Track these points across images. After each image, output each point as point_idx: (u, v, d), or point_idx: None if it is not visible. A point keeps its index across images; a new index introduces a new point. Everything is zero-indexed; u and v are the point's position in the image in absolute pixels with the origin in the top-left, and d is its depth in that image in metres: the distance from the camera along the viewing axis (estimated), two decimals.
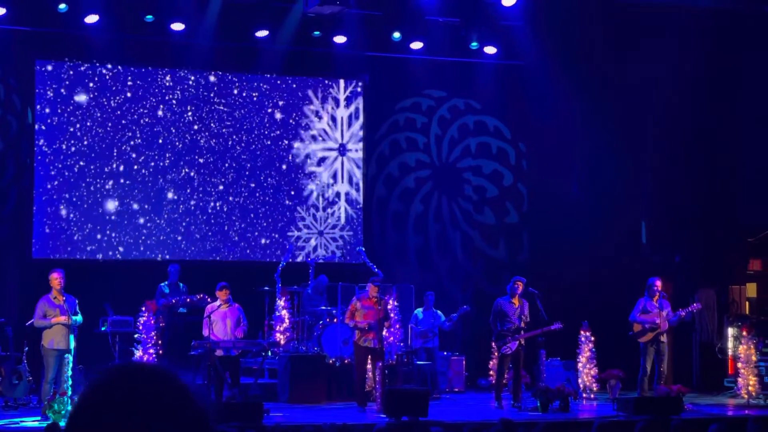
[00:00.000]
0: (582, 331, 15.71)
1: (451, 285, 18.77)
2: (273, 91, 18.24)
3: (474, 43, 17.65)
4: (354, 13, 17.03)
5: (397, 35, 17.52)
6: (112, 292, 15.77)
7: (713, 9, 17.58)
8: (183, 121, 17.66)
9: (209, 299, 14.55)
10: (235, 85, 17.99)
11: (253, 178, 18.04)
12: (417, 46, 17.77)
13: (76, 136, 17.04)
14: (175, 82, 17.61)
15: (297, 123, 18.40)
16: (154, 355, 13.95)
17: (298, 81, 18.42)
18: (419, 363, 15.97)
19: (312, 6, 16.04)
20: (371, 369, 14.46)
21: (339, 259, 18.01)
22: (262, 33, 17.00)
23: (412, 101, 19.16)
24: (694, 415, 13.40)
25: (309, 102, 18.48)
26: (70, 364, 13.12)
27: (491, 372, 15.72)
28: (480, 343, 16.36)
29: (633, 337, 15.12)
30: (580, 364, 15.70)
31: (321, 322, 16.00)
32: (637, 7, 17.95)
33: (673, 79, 17.77)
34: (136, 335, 14.19)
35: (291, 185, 18.34)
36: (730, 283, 18.42)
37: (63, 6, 15.61)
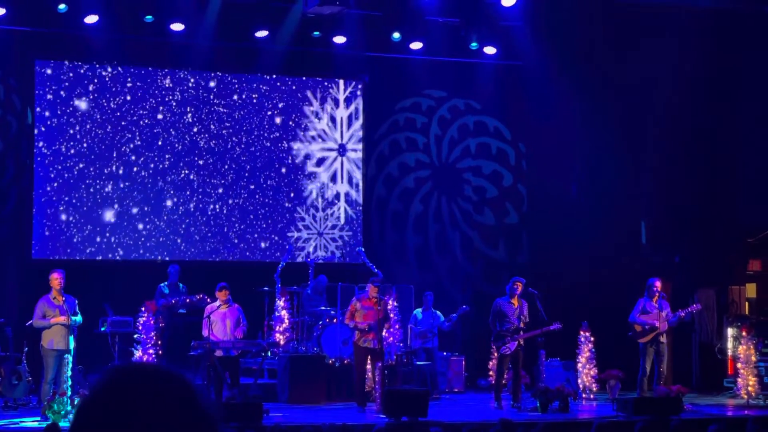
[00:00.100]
0: (581, 332, 15.71)
1: (451, 285, 18.76)
2: (272, 91, 18.23)
3: (474, 44, 17.66)
4: (354, 14, 17.03)
5: (396, 35, 17.53)
6: (112, 292, 15.77)
7: (713, 9, 17.58)
8: (182, 123, 17.65)
9: (209, 299, 14.55)
10: (235, 86, 17.98)
11: (252, 178, 18.03)
12: (417, 46, 17.78)
13: (75, 138, 17.02)
14: (174, 83, 17.61)
15: (296, 123, 18.39)
16: (154, 356, 13.95)
17: (298, 81, 18.41)
18: (419, 363, 15.97)
19: (312, 6, 16.04)
20: (371, 369, 14.46)
21: (338, 260, 17.99)
22: (262, 33, 17.01)
23: (411, 101, 19.15)
24: (693, 416, 13.40)
25: (308, 102, 18.47)
26: (70, 365, 13.13)
27: (491, 372, 15.71)
28: (479, 343, 16.35)
29: (633, 337, 15.12)
30: (579, 365, 15.70)
31: (320, 322, 16.00)
32: (637, 7, 17.94)
33: (673, 80, 17.76)
34: (135, 335, 14.19)
35: (290, 186, 18.33)
36: (730, 284, 18.41)
37: (63, 6, 15.62)
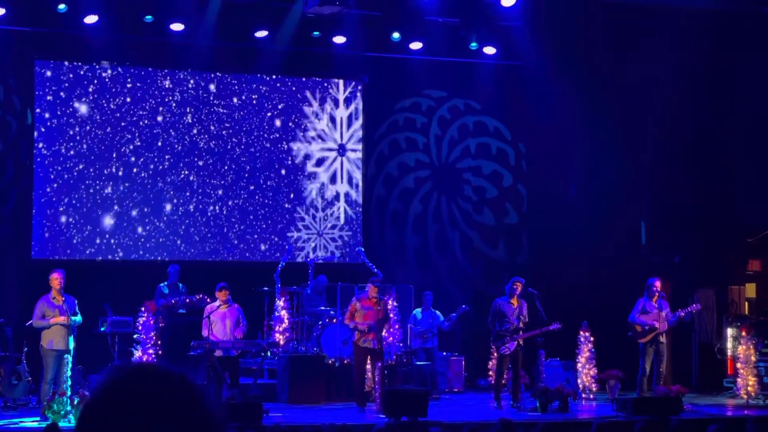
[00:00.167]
0: (581, 332, 15.70)
1: (451, 285, 18.75)
2: (272, 91, 18.22)
3: (473, 44, 17.66)
4: (353, 14, 17.03)
5: (396, 35, 17.53)
6: (112, 292, 15.76)
7: (712, 10, 17.58)
8: (182, 123, 17.64)
9: (208, 299, 14.55)
10: (234, 86, 17.98)
11: (252, 179, 18.03)
12: (416, 46, 17.77)
13: (75, 139, 17.01)
14: (174, 83, 17.60)
15: (296, 123, 18.38)
16: (153, 356, 13.95)
17: (298, 81, 18.41)
18: (418, 363, 15.97)
19: (311, 6, 16.04)
20: (370, 369, 14.46)
21: (338, 260, 17.99)
22: (262, 33, 17.01)
23: (411, 101, 19.15)
24: (693, 416, 13.40)
25: (308, 102, 18.46)
26: (70, 365, 13.12)
27: (490, 372, 15.71)
28: (479, 343, 16.35)
29: (632, 337, 15.12)
30: (579, 365, 15.69)
31: (320, 322, 15.99)
32: (637, 7, 17.95)
33: (673, 80, 17.76)
34: (135, 336, 14.19)
35: (290, 186, 18.33)
36: (730, 284, 18.41)
37: (62, 6, 15.61)
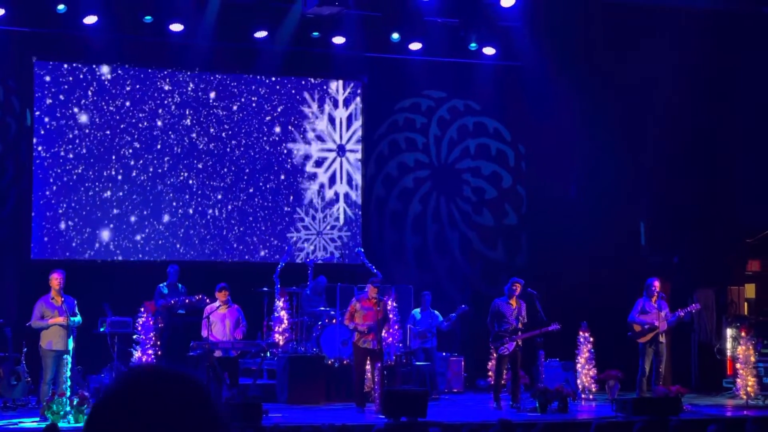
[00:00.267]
0: (581, 332, 15.69)
1: (450, 286, 18.75)
2: (271, 92, 18.21)
3: (473, 44, 17.66)
4: (353, 14, 17.03)
5: (396, 36, 17.52)
6: (111, 292, 15.75)
7: (712, 10, 17.59)
8: (182, 125, 17.63)
9: (208, 300, 14.55)
10: (234, 87, 17.97)
11: (252, 180, 18.02)
12: (416, 46, 17.77)
13: (74, 141, 16.99)
14: (173, 85, 17.59)
15: (296, 124, 18.38)
16: (153, 356, 13.94)
17: (297, 82, 18.40)
18: (418, 364, 15.97)
19: (311, 7, 16.05)
20: (370, 370, 14.46)
21: (338, 260, 17.98)
22: (261, 34, 17.00)
23: (411, 102, 19.14)
24: (692, 416, 13.40)
25: (307, 103, 18.46)
26: (69, 365, 13.11)
27: (490, 373, 15.71)
28: (479, 343, 16.34)
29: (632, 337, 15.12)
30: (578, 365, 15.68)
31: (320, 322, 15.99)
32: (637, 7, 17.95)
33: (673, 80, 17.76)
34: (134, 336, 14.19)
35: (290, 186, 18.32)
36: (729, 284, 18.41)
37: (62, 7, 15.61)
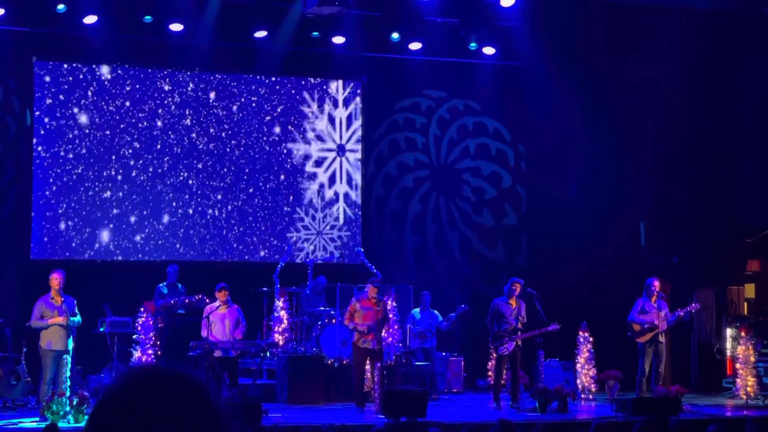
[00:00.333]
0: (580, 332, 15.69)
1: (449, 286, 18.74)
2: (271, 92, 18.21)
3: (473, 44, 17.65)
4: (353, 14, 17.03)
5: (395, 36, 17.52)
6: (111, 292, 15.75)
7: (712, 10, 17.58)
8: (181, 125, 17.62)
9: (208, 300, 14.55)
10: (233, 87, 17.96)
11: (251, 180, 18.01)
12: (416, 46, 17.76)
13: (74, 141, 16.99)
14: (173, 85, 17.58)
15: (295, 124, 18.37)
16: (152, 356, 13.94)
17: (297, 82, 18.40)
18: (417, 363, 15.97)
19: (311, 6, 16.05)
20: (370, 370, 14.46)
21: (338, 260, 17.97)
22: (261, 33, 17.00)
23: (410, 102, 19.14)
24: (692, 416, 13.40)
25: (307, 103, 18.46)
26: (69, 365, 13.10)
27: (490, 373, 15.71)
28: (478, 343, 16.34)
29: (631, 337, 15.12)
30: (578, 365, 15.68)
31: (319, 322, 15.99)
32: (636, 7, 17.95)
33: (672, 80, 17.76)
34: (134, 336, 14.19)
35: (289, 186, 18.32)
36: (729, 284, 18.41)
37: (62, 6, 15.60)
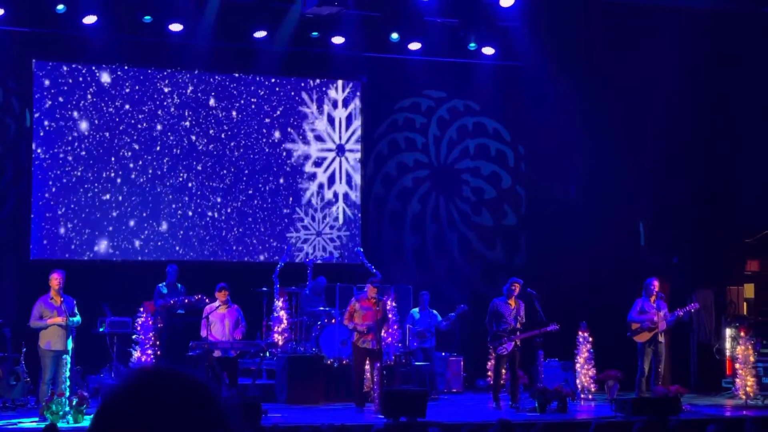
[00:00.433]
0: (580, 332, 15.69)
1: (448, 286, 18.74)
2: (271, 92, 18.21)
3: (472, 44, 17.65)
4: (352, 14, 17.03)
5: (395, 36, 17.51)
6: (110, 292, 15.75)
7: (712, 10, 17.59)
8: (181, 126, 17.61)
9: (207, 300, 14.56)
10: (233, 87, 17.96)
11: (251, 180, 18.01)
12: (415, 46, 17.76)
13: (73, 143, 16.98)
14: (173, 86, 17.57)
15: (295, 124, 18.37)
16: (152, 356, 13.94)
17: (296, 82, 18.40)
18: (417, 364, 15.97)
19: (310, 7, 16.05)
20: (369, 370, 14.46)
21: (337, 260, 17.98)
22: (260, 34, 17.00)
23: (410, 102, 19.14)
24: (692, 416, 13.40)
25: (307, 103, 18.46)
26: (68, 365, 13.10)
27: (489, 373, 15.70)
28: (478, 343, 16.34)
29: (631, 337, 15.11)
30: (578, 365, 15.69)
31: (319, 322, 16.00)
32: (636, 7, 17.95)
33: (672, 80, 17.76)
34: (134, 336, 14.19)
35: (289, 187, 18.31)
36: (728, 284, 18.40)
37: (61, 7, 15.59)
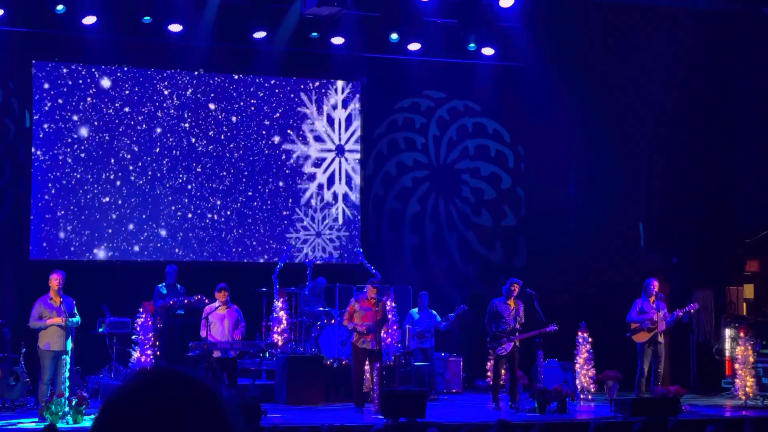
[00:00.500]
0: (579, 333, 15.71)
1: (447, 286, 18.73)
2: (270, 93, 18.21)
3: (472, 45, 17.64)
4: (352, 14, 17.03)
5: (394, 36, 17.49)
6: (110, 293, 15.76)
7: (711, 10, 17.60)
8: (180, 127, 17.61)
9: (207, 300, 14.56)
10: (232, 88, 17.96)
11: (251, 181, 18.01)
12: (415, 47, 17.75)
13: (73, 143, 16.98)
14: (172, 87, 17.57)
15: (294, 124, 18.38)
16: (152, 357, 13.95)
17: (296, 82, 18.40)
18: (417, 364, 15.97)
19: (310, 7, 16.05)
20: (369, 370, 14.46)
21: (337, 260, 17.99)
22: (260, 34, 16.99)
23: (410, 102, 19.13)
24: (691, 417, 13.41)
25: (306, 103, 18.45)
26: (68, 366, 13.09)
27: (489, 373, 15.71)
28: (477, 344, 16.35)
29: (630, 337, 15.12)
30: (577, 365, 15.70)
31: (318, 323, 16.00)
32: (635, 8, 17.96)
33: (671, 81, 17.77)
34: (133, 336, 14.20)
35: (289, 187, 18.32)
36: (728, 285, 18.41)
37: (61, 7, 15.58)
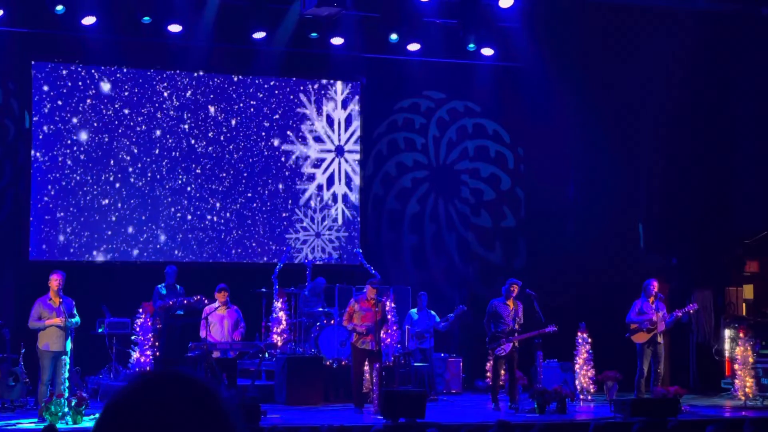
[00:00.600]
0: (579, 333, 15.71)
1: (447, 287, 18.73)
2: (270, 93, 18.21)
3: (471, 45, 17.64)
4: (351, 15, 17.02)
5: (394, 37, 17.49)
6: (109, 294, 15.76)
7: (711, 11, 17.60)
8: (180, 128, 17.61)
9: (206, 301, 14.56)
10: (232, 89, 17.96)
11: (250, 181, 18.01)
12: (414, 47, 17.75)
13: (72, 145, 16.98)
14: (171, 88, 17.57)
15: (294, 125, 18.38)
16: (151, 357, 13.95)
17: (295, 83, 18.40)
18: (416, 364, 15.98)
19: (309, 7, 16.05)
20: (368, 370, 14.46)
21: (336, 261, 17.99)
22: (260, 35, 16.98)
23: (410, 102, 19.13)
24: (690, 417, 13.41)
25: (306, 104, 18.45)
26: (67, 366, 13.09)
27: (488, 373, 15.72)
28: (477, 344, 16.35)
29: (630, 337, 15.12)
30: (577, 366, 15.70)
31: (318, 323, 16.00)
32: (635, 8, 17.96)
33: (671, 81, 17.77)
34: (133, 337, 14.20)
35: (288, 188, 18.32)
36: (727, 285, 18.41)
37: (60, 7, 15.58)
